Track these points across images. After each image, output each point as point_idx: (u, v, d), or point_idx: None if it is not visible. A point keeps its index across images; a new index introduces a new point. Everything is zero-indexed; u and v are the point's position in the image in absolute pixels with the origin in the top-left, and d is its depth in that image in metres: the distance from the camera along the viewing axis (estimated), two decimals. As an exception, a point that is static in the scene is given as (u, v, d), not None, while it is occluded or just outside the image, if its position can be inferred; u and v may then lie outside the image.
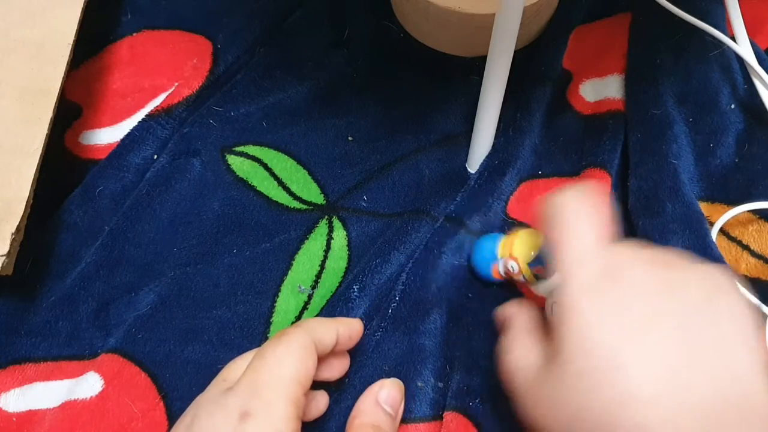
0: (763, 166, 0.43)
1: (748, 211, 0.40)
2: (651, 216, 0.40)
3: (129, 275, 0.40)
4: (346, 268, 0.41)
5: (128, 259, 0.41)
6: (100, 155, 0.45)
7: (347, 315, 0.38)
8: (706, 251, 0.39)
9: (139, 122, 0.45)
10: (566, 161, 0.45)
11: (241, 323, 0.39)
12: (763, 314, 0.38)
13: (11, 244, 0.36)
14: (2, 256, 0.35)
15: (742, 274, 0.40)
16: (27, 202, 0.37)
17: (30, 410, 0.36)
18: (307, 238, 0.42)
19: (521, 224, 0.43)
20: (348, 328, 0.34)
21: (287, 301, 0.40)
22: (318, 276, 0.41)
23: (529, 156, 0.45)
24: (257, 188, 0.44)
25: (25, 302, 0.40)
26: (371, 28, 0.51)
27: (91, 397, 0.36)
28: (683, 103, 0.45)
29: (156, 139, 0.45)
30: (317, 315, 0.39)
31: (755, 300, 0.39)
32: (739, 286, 0.39)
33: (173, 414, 0.36)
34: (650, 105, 0.44)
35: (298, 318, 0.40)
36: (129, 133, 0.45)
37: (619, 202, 0.43)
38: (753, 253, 0.41)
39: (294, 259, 0.41)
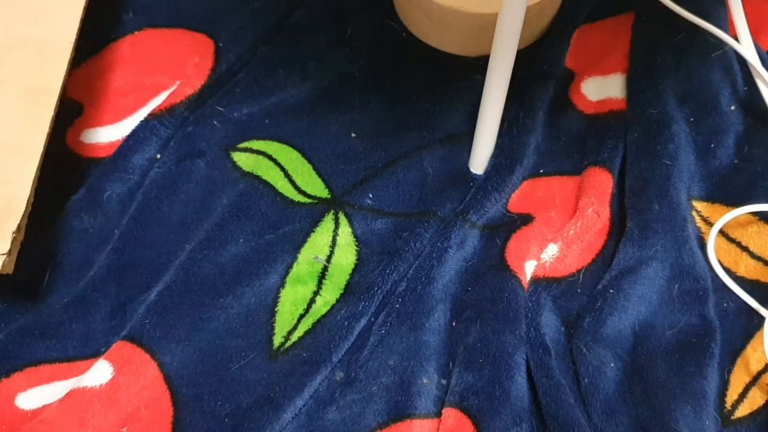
0: (763, 168, 0.43)
1: (748, 212, 0.40)
2: (637, 214, 0.41)
3: (143, 277, 0.41)
4: (355, 264, 0.41)
5: (141, 262, 0.41)
6: (101, 153, 0.45)
7: (356, 310, 0.39)
8: (682, 256, 0.39)
9: (141, 122, 0.45)
10: (568, 160, 0.45)
11: (246, 313, 0.39)
12: (762, 317, 0.38)
13: (12, 243, 0.36)
14: (3, 254, 0.35)
15: (741, 275, 0.40)
16: (28, 200, 0.37)
17: (44, 405, 0.37)
18: (313, 231, 0.42)
19: (520, 218, 0.43)
20: None
21: (294, 291, 0.40)
22: (324, 269, 0.41)
23: (532, 154, 0.45)
24: (263, 177, 0.43)
25: (39, 306, 0.40)
26: (373, 27, 0.50)
27: (101, 385, 0.36)
28: (684, 103, 0.45)
29: (159, 139, 0.45)
30: (328, 310, 0.39)
31: (754, 303, 0.39)
32: (737, 288, 0.39)
33: (179, 401, 0.37)
34: (649, 104, 0.45)
35: (306, 311, 0.40)
36: (132, 133, 0.45)
37: (619, 202, 0.43)
38: (752, 255, 0.41)
39: (300, 252, 0.41)
